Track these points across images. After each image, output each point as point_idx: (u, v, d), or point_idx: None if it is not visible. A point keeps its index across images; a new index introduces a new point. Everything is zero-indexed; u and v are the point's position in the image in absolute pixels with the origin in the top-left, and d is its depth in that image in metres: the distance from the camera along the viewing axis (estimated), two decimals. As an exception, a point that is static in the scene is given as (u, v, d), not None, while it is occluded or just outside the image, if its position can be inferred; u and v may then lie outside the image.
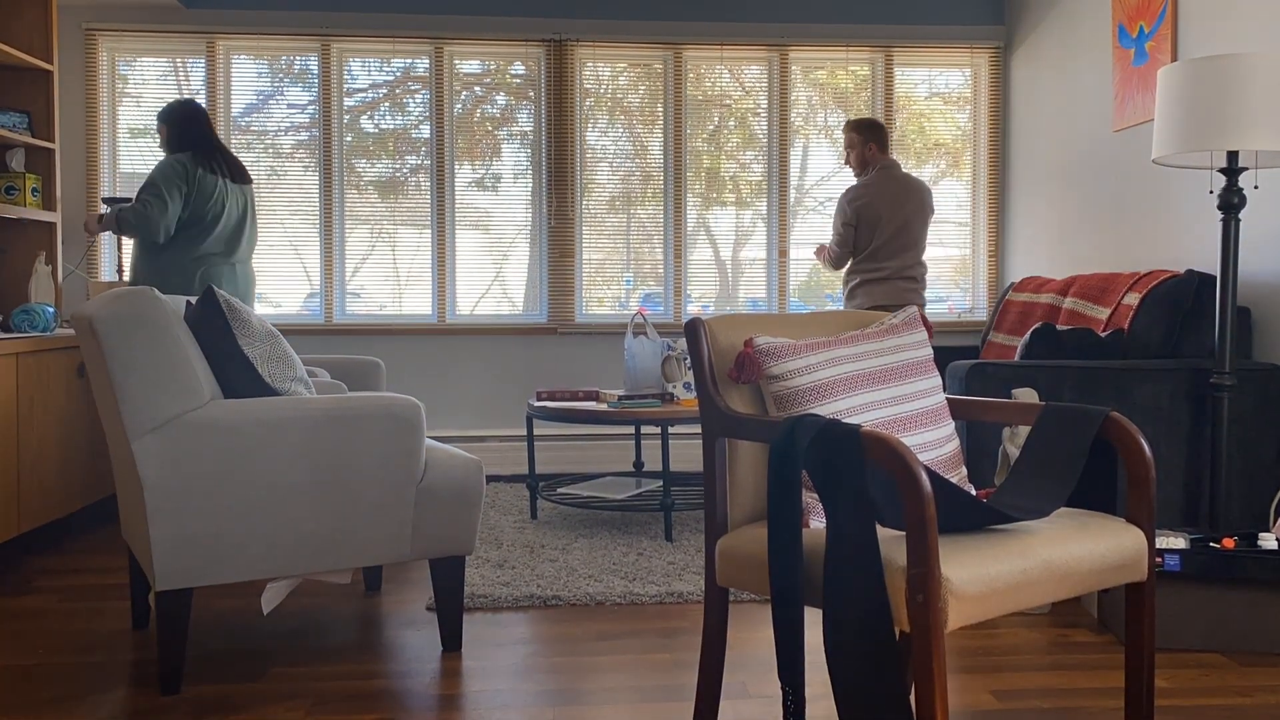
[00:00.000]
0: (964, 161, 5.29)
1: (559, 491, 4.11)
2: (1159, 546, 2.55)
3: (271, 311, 5.04)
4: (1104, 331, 3.49)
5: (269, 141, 5.01)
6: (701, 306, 5.21)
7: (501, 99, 5.10)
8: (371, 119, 5.06)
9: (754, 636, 2.64)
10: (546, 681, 2.34)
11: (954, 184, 5.30)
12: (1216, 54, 3.15)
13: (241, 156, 5.00)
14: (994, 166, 5.23)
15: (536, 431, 5.05)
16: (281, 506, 2.34)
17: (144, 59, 4.97)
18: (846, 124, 4.38)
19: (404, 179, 5.06)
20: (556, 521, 3.93)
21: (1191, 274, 3.36)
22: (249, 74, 5.00)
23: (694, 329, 1.90)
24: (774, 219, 5.18)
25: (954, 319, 5.27)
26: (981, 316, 5.30)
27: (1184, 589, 2.54)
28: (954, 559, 1.53)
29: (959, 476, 1.97)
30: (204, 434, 2.27)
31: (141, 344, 2.23)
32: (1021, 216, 5.04)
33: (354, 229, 5.07)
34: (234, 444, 2.29)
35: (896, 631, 1.51)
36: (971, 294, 5.33)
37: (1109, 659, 2.48)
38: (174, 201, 3.67)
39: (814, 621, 2.70)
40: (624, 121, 5.14)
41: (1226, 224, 2.87)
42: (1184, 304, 3.33)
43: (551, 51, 5.04)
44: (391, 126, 5.05)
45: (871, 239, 4.24)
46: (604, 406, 3.70)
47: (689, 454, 5.14)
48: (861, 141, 4.32)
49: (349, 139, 5.05)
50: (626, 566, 3.25)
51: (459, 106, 5.09)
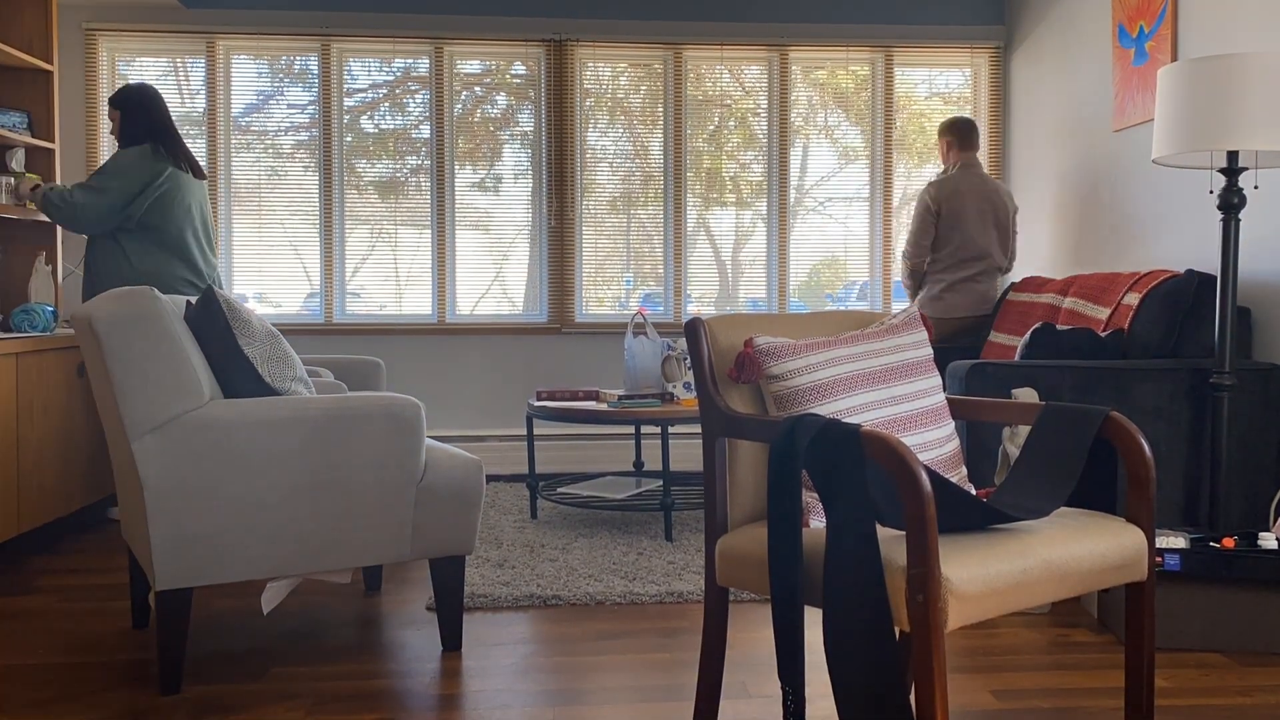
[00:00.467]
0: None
1: (559, 491, 4.11)
2: (1159, 546, 2.55)
3: (271, 311, 5.04)
4: (1104, 331, 3.49)
5: (269, 141, 5.01)
6: (701, 307, 5.21)
7: (502, 99, 5.10)
8: (371, 119, 5.06)
9: (754, 636, 2.64)
10: (546, 681, 2.34)
11: (954, 184, 5.29)
12: (1216, 54, 3.15)
13: (241, 157, 5.00)
14: (994, 166, 5.23)
15: (536, 431, 5.05)
16: (281, 506, 2.34)
17: (144, 59, 4.97)
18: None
19: (404, 179, 5.06)
20: (556, 521, 3.93)
21: (1191, 274, 3.36)
22: (249, 74, 5.00)
23: (694, 329, 1.90)
24: (774, 219, 5.18)
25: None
26: (981, 316, 5.29)
27: (1184, 589, 2.54)
28: (954, 559, 1.53)
29: (959, 476, 1.97)
30: (204, 434, 2.27)
31: (141, 344, 2.23)
32: (1021, 216, 5.04)
33: (354, 229, 5.07)
34: (234, 444, 2.29)
35: (896, 631, 1.52)
36: (971, 294, 5.33)
37: (1109, 659, 2.48)
38: (116, 197, 3.50)
39: (814, 621, 2.70)
40: (624, 122, 5.14)
41: (1226, 224, 2.87)
42: (1184, 304, 3.33)
43: (551, 51, 5.04)
44: (391, 127, 5.05)
45: (937, 238, 4.34)
46: (604, 406, 3.70)
47: (689, 454, 5.14)
48: (941, 141, 4.46)
49: (349, 139, 5.05)
50: (626, 566, 3.25)
51: (459, 107, 5.09)
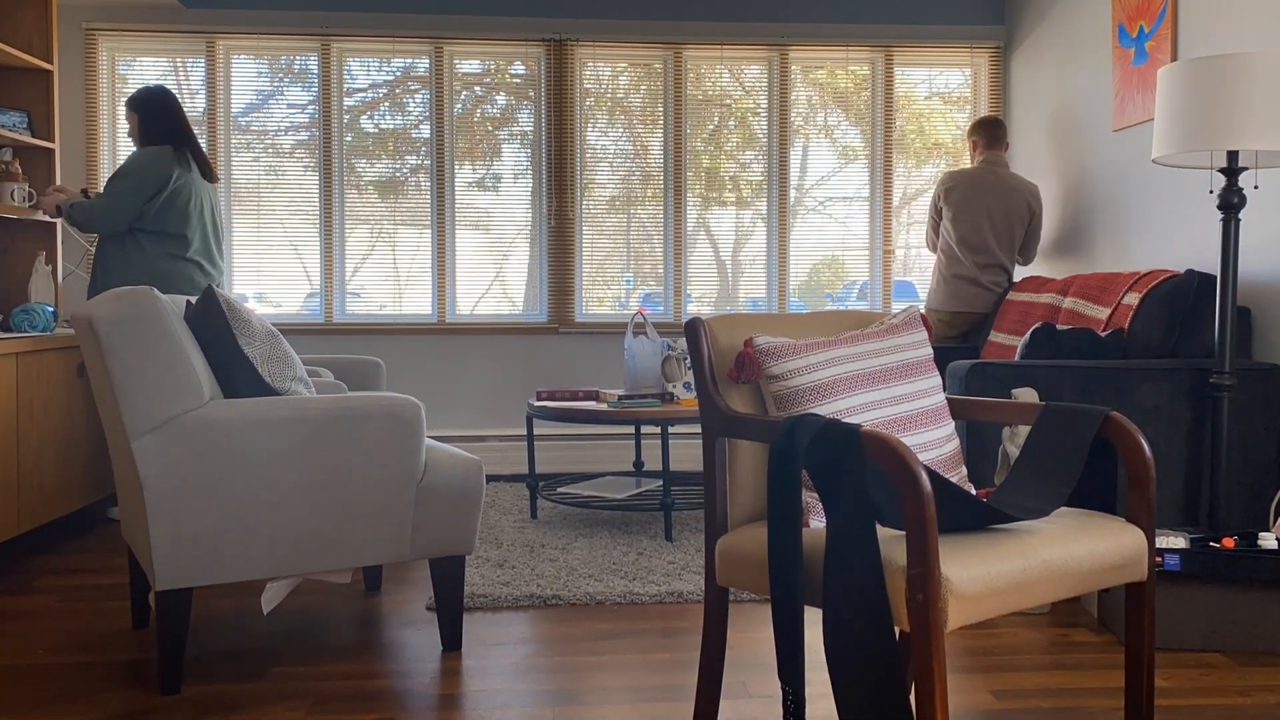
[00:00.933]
0: (964, 161, 5.29)
1: (559, 491, 4.11)
2: (1159, 546, 2.55)
3: (271, 311, 5.04)
4: (1104, 331, 3.49)
5: (269, 141, 5.01)
6: (701, 307, 5.21)
7: (501, 99, 5.10)
8: (371, 119, 5.06)
9: (754, 636, 2.64)
10: (546, 681, 2.34)
11: (954, 184, 5.29)
12: (1216, 54, 3.15)
13: (241, 156, 5.00)
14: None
15: (536, 431, 5.05)
16: (281, 506, 2.34)
17: (144, 59, 4.97)
18: None
19: (404, 179, 5.06)
20: (556, 521, 3.93)
21: (1191, 274, 3.36)
22: (249, 74, 5.00)
23: (694, 329, 1.90)
24: (774, 219, 5.18)
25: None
26: (981, 316, 5.29)
27: (1184, 589, 2.54)
28: (954, 559, 1.53)
29: (959, 476, 1.97)
30: (204, 434, 2.27)
31: (141, 344, 2.23)
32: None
33: (354, 229, 5.07)
34: (234, 444, 2.29)
35: (896, 631, 1.52)
36: (971, 294, 5.33)
37: (1109, 659, 2.48)
38: (135, 199, 3.54)
39: (814, 621, 2.70)
40: (624, 121, 5.14)
41: (1226, 224, 2.87)
42: (1184, 304, 3.33)
43: (551, 51, 5.04)
44: (391, 126, 5.05)
45: (945, 230, 4.40)
46: (604, 406, 3.70)
47: (689, 454, 5.14)
48: (969, 142, 4.54)
49: (349, 139, 5.05)
50: (626, 566, 3.25)
51: (459, 106, 5.09)
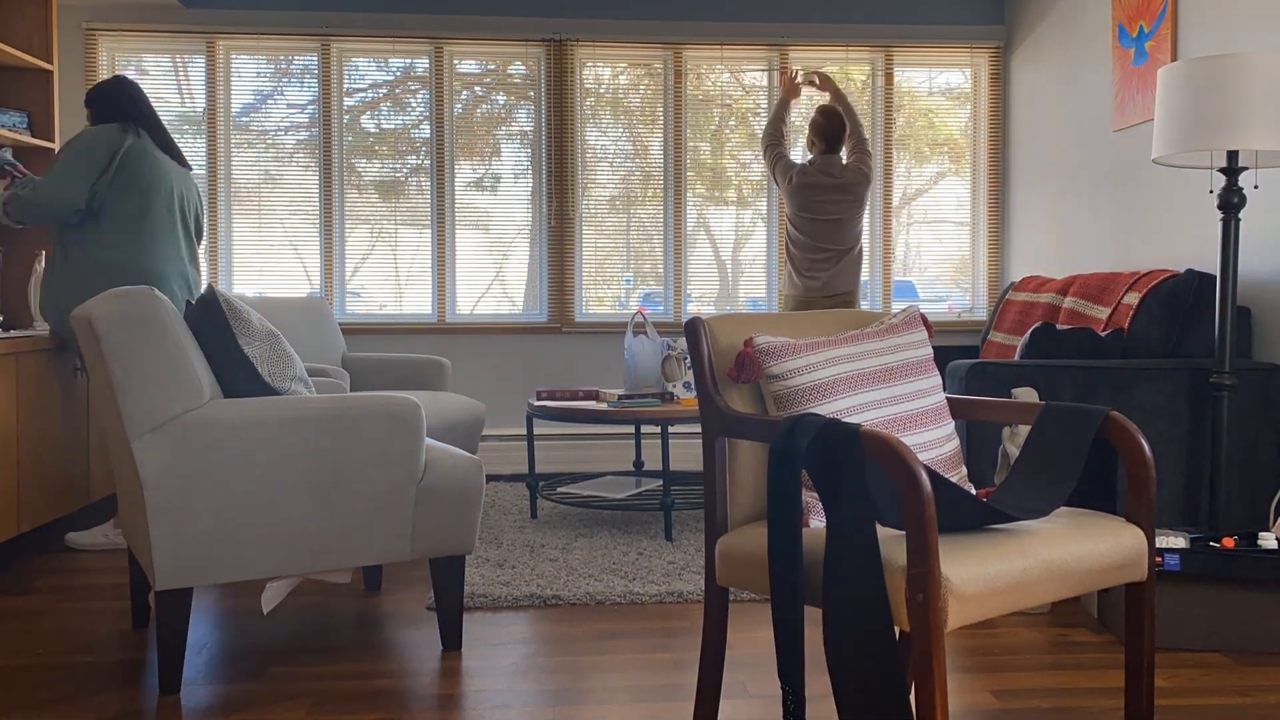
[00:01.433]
0: (964, 161, 5.29)
1: (559, 491, 4.11)
2: (1159, 546, 2.55)
3: (271, 311, 5.04)
4: (1104, 331, 3.49)
5: (269, 141, 5.01)
6: (701, 306, 5.21)
7: (501, 99, 5.10)
8: (371, 119, 5.06)
9: (754, 636, 2.64)
10: (546, 681, 2.34)
11: (954, 183, 5.30)
12: (1216, 54, 3.15)
13: (241, 156, 5.00)
14: (994, 166, 5.24)
15: (536, 431, 5.05)
16: (281, 506, 2.34)
17: (144, 59, 4.97)
18: None
19: (404, 179, 5.06)
20: (556, 521, 3.93)
21: (1191, 274, 3.36)
22: (249, 74, 5.00)
23: (694, 329, 1.90)
24: (774, 219, 5.18)
25: (954, 318, 5.27)
26: (981, 316, 5.30)
27: (1184, 589, 2.54)
28: (954, 559, 1.53)
29: (959, 476, 1.97)
30: (204, 434, 2.27)
31: (141, 344, 2.23)
32: (1021, 216, 5.04)
33: (354, 229, 5.07)
34: (234, 444, 2.29)
35: (896, 631, 1.51)
36: (971, 293, 5.33)
37: (1109, 659, 2.48)
38: (82, 170, 3.18)
39: (814, 621, 2.70)
40: (624, 121, 5.14)
41: (1226, 224, 2.87)
42: (1184, 304, 3.33)
43: (551, 51, 5.04)
44: (391, 126, 5.05)
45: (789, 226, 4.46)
46: (604, 406, 3.70)
47: (689, 454, 5.14)
48: (808, 140, 4.52)
49: (349, 139, 5.05)
50: (626, 566, 3.25)
51: (459, 106, 5.09)
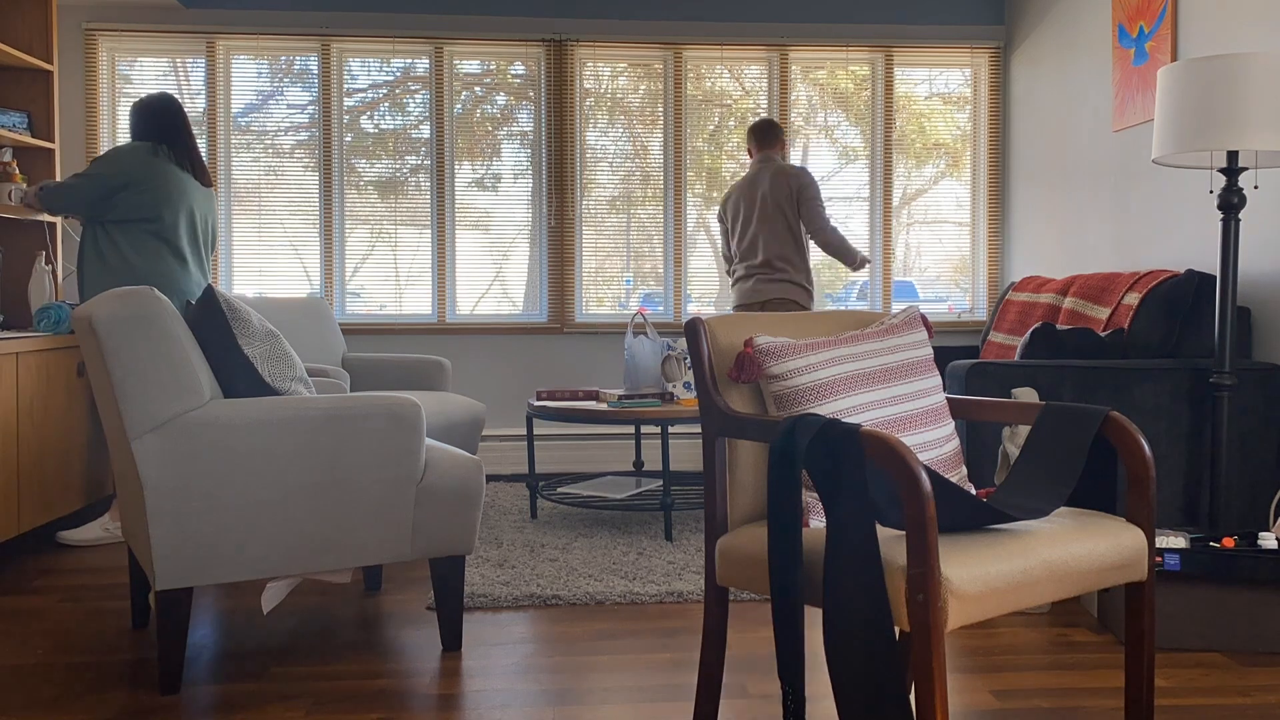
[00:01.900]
0: (964, 161, 5.29)
1: (559, 491, 4.11)
2: (1159, 546, 2.55)
3: (271, 311, 5.04)
4: (1104, 331, 3.49)
5: (269, 141, 5.01)
6: (701, 307, 5.21)
7: (501, 99, 5.10)
8: (371, 119, 5.06)
9: (754, 636, 2.64)
10: (546, 681, 2.34)
11: (954, 184, 5.30)
12: (1216, 54, 3.15)
13: (241, 156, 5.00)
14: (994, 166, 5.24)
15: (536, 431, 5.05)
16: (281, 506, 2.34)
17: (144, 59, 4.97)
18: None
19: (404, 179, 5.06)
20: (556, 521, 3.93)
21: (1191, 274, 3.36)
22: (249, 74, 5.00)
23: (694, 329, 1.90)
24: (774, 219, 5.18)
25: (954, 319, 5.27)
26: (981, 316, 5.30)
27: (1184, 589, 2.54)
28: (954, 559, 1.53)
29: (959, 476, 1.97)
30: (204, 434, 2.27)
31: (141, 344, 2.23)
32: (1021, 216, 5.04)
33: (354, 229, 5.07)
34: (234, 444, 2.29)
35: (896, 631, 1.51)
36: (971, 294, 5.33)
37: (1109, 659, 2.48)
38: (101, 183, 3.43)
39: (814, 621, 2.70)
40: (624, 121, 5.14)
41: (1226, 224, 2.87)
42: (1184, 304, 3.33)
43: (551, 51, 5.04)
44: (391, 126, 5.05)
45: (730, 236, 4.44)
46: (604, 406, 3.70)
47: (689, 454, 5.14)
48: (746, 148, 4.47)
49: (349, 139, 5.05)
50: (626, 566, 3.25)
51: (459, 106, 5.09)
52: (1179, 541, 2.56)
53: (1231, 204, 2.86)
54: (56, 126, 4.20)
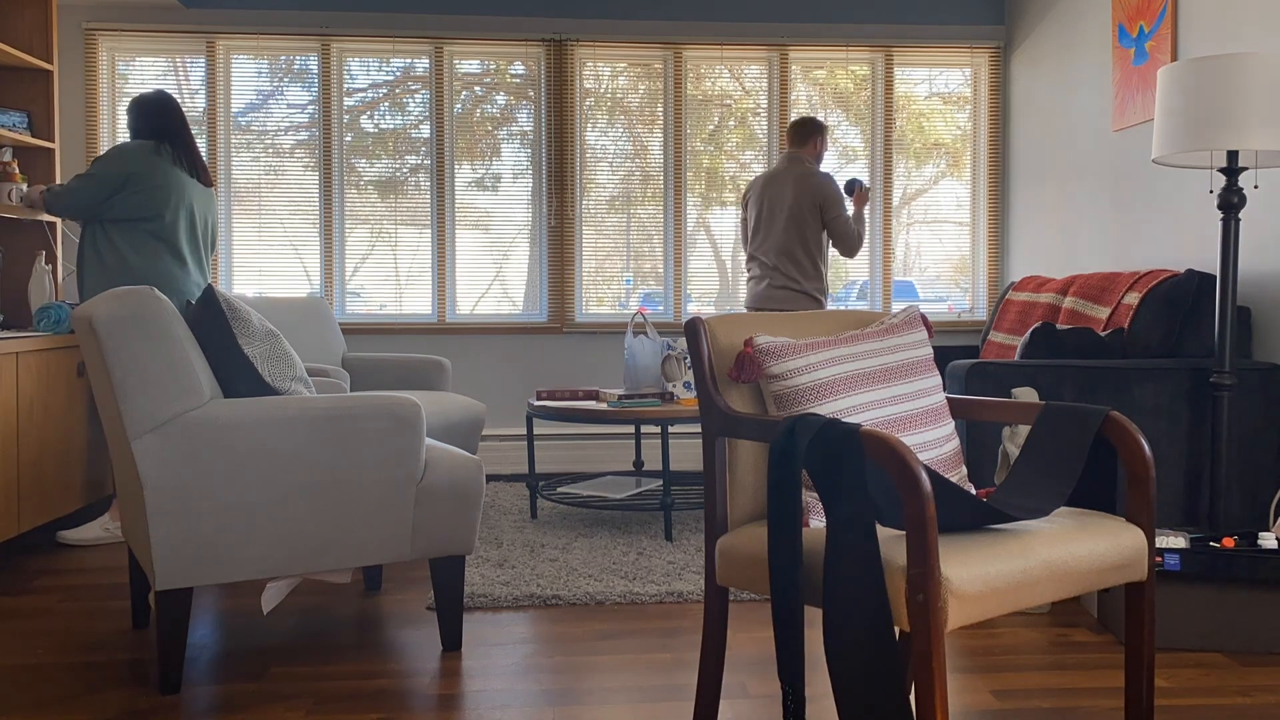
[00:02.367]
0: (964, 161, 5.29)
1: (559, 491, 4.11)
2: (1159, 546, 2.55)
3: (271, 311, 5.04)
4: (1104, 331, 3.49)
5: (269, 141, 5.01)
6: (701, 306, 5.21)
7: (501, 99, 5.10)
8: (371, 119, 5.06)
9: (754, 636, 2.64)
10: (546, 681, 2.34)
11: (954, 184, 5.30)
12: (1216, 54, 3.15)
13: (241, 156, 5.00)
14: (994, 166, 5.23)
15: (536, 431, 5.05)
16: (281, 506, 2.34)
17: (144, 59, 4.97)
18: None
19: (404, 179, 5.06)
20: (556, 521, 3.93)
21: (1191, 274, 3.36)
22: (249, 74, 5.00)
23: (694, 329, 1.90)
24: (774, 219, 5.18)
25: (954, 319, 5.27)
26: (981, 316, 5.30)
27: (1184, 589, 2.54)
28: (954, 559, 1.53)
29: (959, 476, 1.97)
30: (204, 434, 2.27)
31: (141, 344, 2.23)
32: (1021, 216, 5.04)
33: (354, 229, 5.07)
34: (234, 444, 2.29)
35: (896, 631, 1.51)
36: (971, 293, 5.33)
37: (1109, 659, 2.48)
38: (101, 182, 3.44)
39: (814, 621, 2.70)
40: (624, 121, 5.14)
41: (1226, 224, 2.87)
42: (1184, 304, 3.33)
43: (551, 51, 5.04)
44: (391, 126, 5.05)
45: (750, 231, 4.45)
46: (604, 406, 3.70)
47: (689, 454, 5.14)
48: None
49: (349, 139, 5.05)
50: (626, 566, 3.25)
51: (459, 106, 5.09)
52: (1179, 541, 2.56)
53: (1231, 204, 2.86)
54: (56, 126, 4.20)
